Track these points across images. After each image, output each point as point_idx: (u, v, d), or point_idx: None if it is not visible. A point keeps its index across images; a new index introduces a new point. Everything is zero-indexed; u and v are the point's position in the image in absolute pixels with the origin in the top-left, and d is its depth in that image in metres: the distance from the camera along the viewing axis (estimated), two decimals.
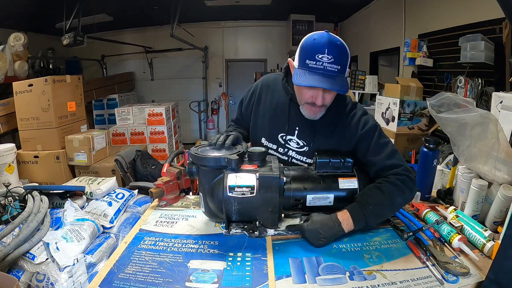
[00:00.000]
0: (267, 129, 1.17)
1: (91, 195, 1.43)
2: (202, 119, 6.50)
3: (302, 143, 1.12)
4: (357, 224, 0.92)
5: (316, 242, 0.90)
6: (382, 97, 3.12)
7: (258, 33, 6.21)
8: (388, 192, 0.93)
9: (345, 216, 0.92)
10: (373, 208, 0.92)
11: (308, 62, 0.92)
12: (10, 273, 1.08)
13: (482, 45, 2.27)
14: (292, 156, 1.15)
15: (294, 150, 1.14)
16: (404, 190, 0.95)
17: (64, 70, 5.15)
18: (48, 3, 3.63)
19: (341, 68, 0.92)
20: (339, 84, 0.92)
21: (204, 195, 0.97)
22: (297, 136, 1.12)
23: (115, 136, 3.77)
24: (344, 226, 0.91)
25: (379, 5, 4.32)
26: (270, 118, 1.16)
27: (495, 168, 1.03)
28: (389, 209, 0.97)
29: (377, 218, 0.96)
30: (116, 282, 0.77)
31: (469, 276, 0.78)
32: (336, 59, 0.91)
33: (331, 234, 0.91)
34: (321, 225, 0.91)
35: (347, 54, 0.94)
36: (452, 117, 1.10)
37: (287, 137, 1.13)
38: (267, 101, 1.17)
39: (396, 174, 0.96)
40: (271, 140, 1.16)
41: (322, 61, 0.91)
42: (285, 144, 1.14)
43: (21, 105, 2.44)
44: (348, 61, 0.95)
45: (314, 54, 0.91)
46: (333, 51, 0.91)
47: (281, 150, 1.16)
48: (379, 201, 0.93)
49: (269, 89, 1.18)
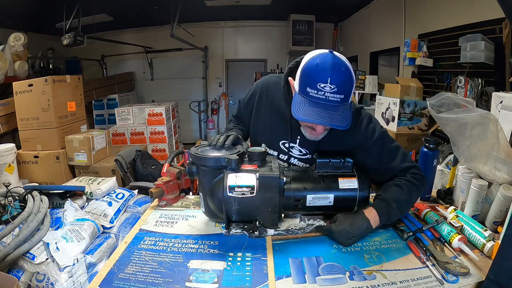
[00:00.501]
0: (268, 135, 1.14)
1: (91, 195, 1.43)
2: (202, 119, 6.50)
3: (304, 151, 1.11)
4: (382, 220, 0.95)
5: (346, 241, 0.92)
6: (382, 97, 3.12)
7: (258, 33, 6.21)
8: (407, 189, 0.97)
9: (372, 213, 0.95)
10: (396, 205, 0.96)
11: (309, 90, 0.85)
12: (10, 273, 1.08)
13: (482, 45, 2.27)
14: (294, 163, 1.14)
15: (297, 157, 1.12)
16: (419, 187, 1.00)
17: (64, 70, 5.15)
18: (48, 3, 3.63)
19: (344, 97, 0.85)
20: (340, 118, 0.86)
21: (204, 195, 0.97)
22: (299, 144, 1.10)
23: (115, 136, 3.77)
24: (372, 223, 0.94)
25: (379, 5, 4.32)
26: (271, 124, 1.13)
27: (495, 168, 1.03)
28: (408, 205, 1.03)
29: (399, 214, 1.00)
30: (116, 282, 0.77)
31: (469, 276, 0.78)
32: (340, 88, 0.84)
33: (360, 232, 0.93)
34: (350, 224, 0.93)
35: (352, 80, 0.87)
36: (452, 117, 1.10)
37: (290, 145, 1.11)
38: (268, 106, 1.14)
39: (412, 173, 1.01)
40: (272, 147, 1.14)
41: (324, 90, 0.83)
42: (287, 152, 1.13)
43: (21, 105, 2.44)
44: (353, 87, 0.88)
45: (316, 83, 0.84)
46: (336, 79, 0.83)
47: (282, 157, 1.14)
48: (401, 198, 0.97)
49: (269, 93, 1.14)
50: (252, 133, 1.21)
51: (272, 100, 1.13)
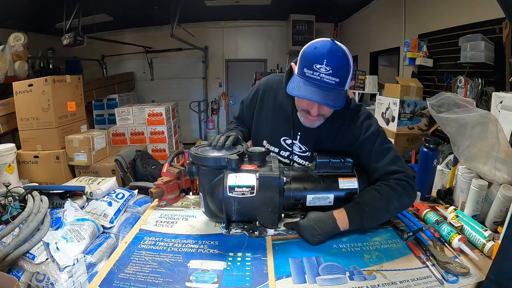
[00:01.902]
0: (270, 132, 1.16)
1: (91, 195, 1.43)
2: (202, 119, 6.50)
3: (304, 148, 1.12)
4: (352, 224, 0.91)
5: (311, 239, 0.90)
6: (382, 97, 3.12)
7: (258, 33, 6.21)
8: (386, 195, 0.92)
9: (341, 214, 0.91)
10: (369, 210, 0.91)
11: (305, 71, 0.90)
12: (10, 273, 1.08)
13: (482, 45, 2.27)
14: (295, 160, 1.14)
15: (297, 154, 1.13)
16: (403, 196, 0.93)
17: (64, 70, 5.15)
18: (48, 3, 3.63)
19: (339, 81, 0.88)
20: (333, 99, 0.88)
21: (204, 195, 0.97)
22: (299, 141, 1.12)
23: (115, 136, 3.77)
24: (339, 223, 0.90)
25: (379, 5, 4.32)
26: (272, 121, 1.15)
27: (495, 168, 1.03)
28: (384, 213, 0.95)
29: (372, 221, 0.94)
30: (116, 282, 0.77)
31: (469, 276, 0.78)
32: (335, 71, 0.87)
33: (326, 231, 0.90)
34: (316, 222, 0.91)
35: (349, 67, 0.90)
36: (452, 117, 1.10)
37: (291, 141, 1.13)
38: (270, 104, 1.16)
39: (397, 179, 0.94)
40: (273, 144, 1.16)
41: (320, 71, 0.87)
42: (288, 148, 1.14)
43: (21, 105, 2.44)
44: (349, 74, 0.91)
45: (313, 64, 0.88)
46: (333, 62, 0.87)
47: (283, 153, 1.15)
48: (376, 204, 0.92)
49: (271, 92, 1.16)
50: (254, 130, 1.22)
51: (274, 97, 1.15)
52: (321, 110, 0.97)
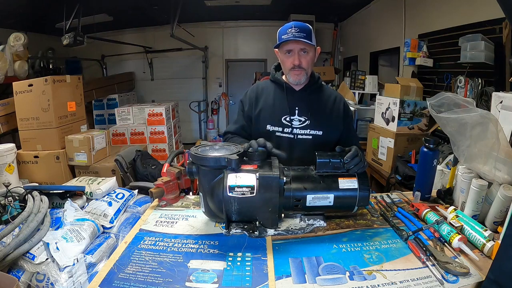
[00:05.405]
0: (271, 116, 1.33)
1: (91, 195, 1.43)
2: (202, 119, 6.49)
3: (303, 118, 1.31)
4: None
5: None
6: (382, 97, 3.11)
7: (258, 33, 6.20)
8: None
9: None
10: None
11: (282, 36, 1.22)
12: (10, 273, 1.08)
13: (482, 45, 2.26)
14: (297, 133, 1.31)
15: (298, 127, 1.31)
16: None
17: (64, 70, 5.15)
18: (48, 3, 3.63)
19: (306, 35, 1.20)
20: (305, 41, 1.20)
21: (204, 195, 0.97)
22: (298, 114, 1.31)
23: (115, 136, 3.76)
24: None
25: (379, 5, 4.32)
26: (271, 107, 1.34)
27: (495, 168, 1.03)
28: None
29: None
30: (116, 282, 0.77)
31: (469, 276, 0.78)
32: (302, 29, 1.20)
33: None
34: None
35: (311, 29, 1.24)
36: (452, 117, 1.10)
37: (291, 117, 1.31)
38: (264, 97, 1.37)
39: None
40: (276, 124, 1.32)
41: (291, 32, 1.20)
42: (290, 125, 1.31)
43: (21, 105, 2.44)
44: (312, 33, 1.23)
45: (285, 30, 1.22)
46: (298, 26, 1.21)
47: (287, 130, 1.31)
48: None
49: (263, 90, 1.39)
50: (255, 123, 1.37)
51: (267, 92, 1.38)
52: (301, 61, 1.24)
